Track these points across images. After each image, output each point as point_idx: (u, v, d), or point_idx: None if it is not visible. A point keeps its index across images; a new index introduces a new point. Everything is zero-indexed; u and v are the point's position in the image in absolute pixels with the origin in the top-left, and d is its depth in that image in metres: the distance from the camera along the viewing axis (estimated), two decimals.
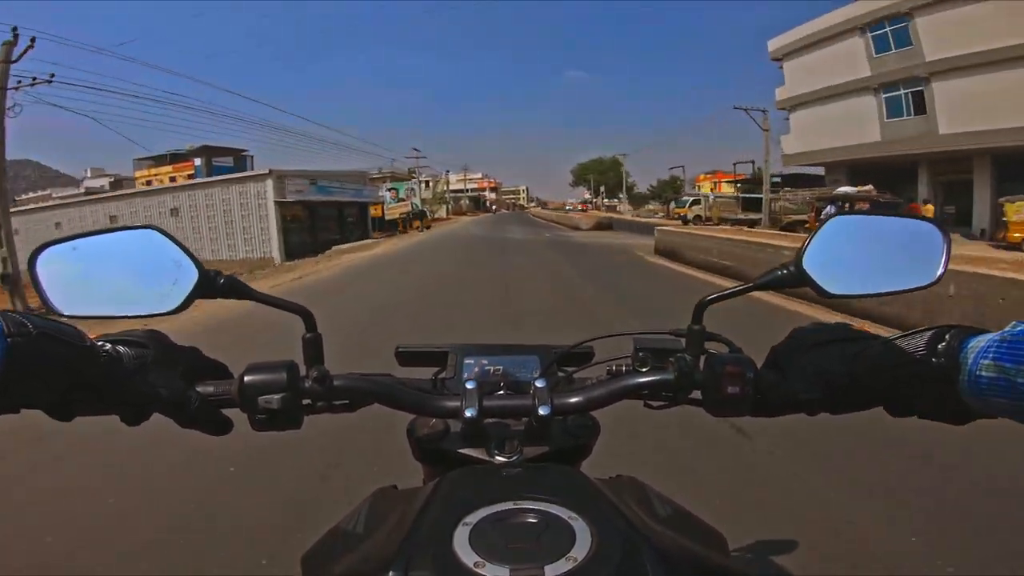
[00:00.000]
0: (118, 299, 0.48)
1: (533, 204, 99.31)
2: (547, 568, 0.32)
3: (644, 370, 0.54)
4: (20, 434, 2.55)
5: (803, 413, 0.50)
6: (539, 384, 0.52)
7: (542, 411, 0.50)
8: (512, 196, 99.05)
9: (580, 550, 0.34)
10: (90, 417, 0.46)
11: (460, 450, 0.53)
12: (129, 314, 0.48)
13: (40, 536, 1.91)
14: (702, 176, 46.36)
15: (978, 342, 0.39)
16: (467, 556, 0.33)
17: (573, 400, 0.52)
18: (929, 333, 0.42)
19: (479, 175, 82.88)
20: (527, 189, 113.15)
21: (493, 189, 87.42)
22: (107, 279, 0.47)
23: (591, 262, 11.76)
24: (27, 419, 0.44)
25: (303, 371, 0.50)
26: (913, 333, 0.44)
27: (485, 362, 0.63)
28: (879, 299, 0.58)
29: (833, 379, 0.47)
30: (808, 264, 0.50)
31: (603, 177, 65.15)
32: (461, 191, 67.49)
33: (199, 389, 0.49)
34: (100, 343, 0.45)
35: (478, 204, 71.96)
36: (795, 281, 0.51)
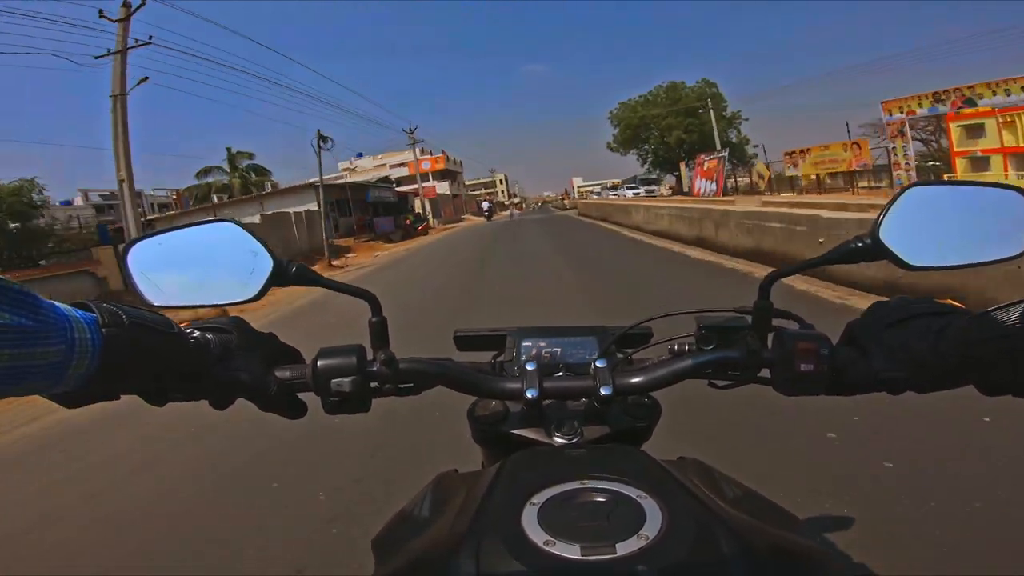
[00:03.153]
0: (201, 289, 0.51)
1: (516, 200, 75.87)
2: (618, 546, 0.32)
3: (709, 348, 0.53)
4: None
5: (885, 392, 0.48)
6: (599, 364, 0.52)
7: (603, 391, 0.50)
8: (486, 193, 64.41)
9: (651, 528, 0.34)
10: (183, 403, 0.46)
11: (520, 432, 0.54)
12: (212, 303, 0.51)
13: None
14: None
15: None
16: (536, 535, 0.34)
17: (635, 380, 0.51)
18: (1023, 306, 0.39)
19: (404, 154, 41.35)
20: (506, 179, 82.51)
21: (445, 175, 46.22)
22: (191, 270, 0.51)
23: None
24: None
25: (370, 355, 0.52)
26: (1007, 306, 0.41)
27: (543, 344, 0.63)
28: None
29: (917, 356, 0.45)
30: (885, 236, 0.48)
31: (682, 128, 31.78)
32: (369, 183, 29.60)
33: (277, 373, 0.51)
34: (189, 331, 0.47)
35: (398, 211, 29.37)
36: (871, 253, 0.49)
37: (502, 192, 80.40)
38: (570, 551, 0.32)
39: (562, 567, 0.32)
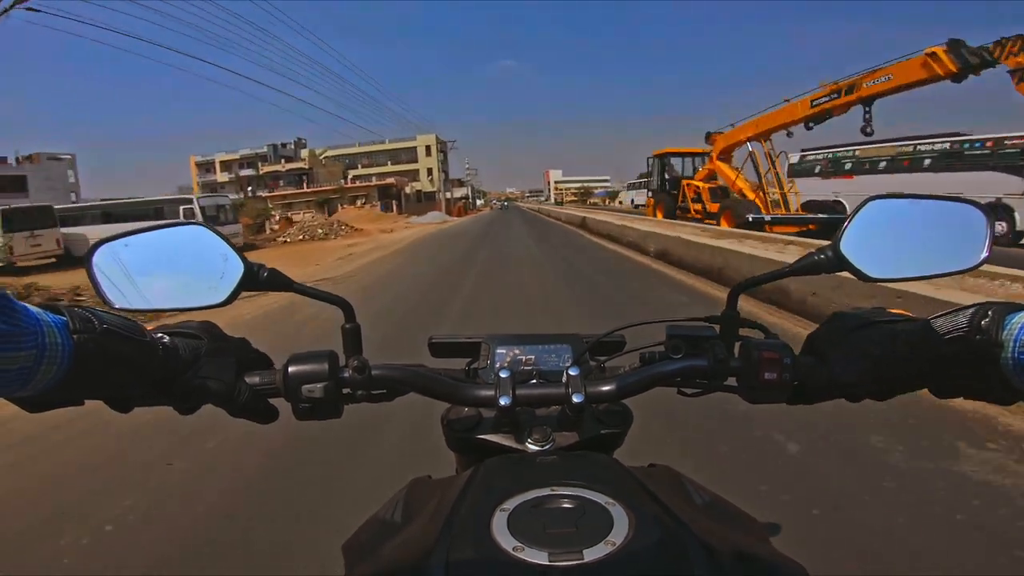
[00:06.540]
0: (169, 293, 0.50)
1: (465, 196, 49.85)
2: (586, 552, 0.33)
3: (678, 356, 0.54)
4: None
5: (845, 399, 0.49)
6: (572, 372, 0.52)
7: (575, 399, 0.50)
8: (397, 175, 36.90)
9: (618, 535, 0.34)
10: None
11: (493, 439, 0.54)
12: (180, 307, 0.50)
13: None
14: None
15: (1021, 318, 0.38)
16: (506, 541, 0.34)
17: (606, 388, 0.52)
18: (971, 310, 0.41)
19: None
20: (439, 144, 46.69)
21: None
22: (159, 274, 0.50)
23: None
24: None
25: (342, 361, 0.52)
26: (955, 311, 0.42)
27: (517, 351, 0.63)
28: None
29: (874, 362, 0.46)
30: (845, 248, 0.50)
31: None
32: None
33: (247, 379, 0.50)
34: (158, 335, 0.46)
35: None
36: (833, 266, 0.50)
37: (429, 175, 43.55)
38: (538, 557, 0.32)
39: (530, 573, 0.32)
